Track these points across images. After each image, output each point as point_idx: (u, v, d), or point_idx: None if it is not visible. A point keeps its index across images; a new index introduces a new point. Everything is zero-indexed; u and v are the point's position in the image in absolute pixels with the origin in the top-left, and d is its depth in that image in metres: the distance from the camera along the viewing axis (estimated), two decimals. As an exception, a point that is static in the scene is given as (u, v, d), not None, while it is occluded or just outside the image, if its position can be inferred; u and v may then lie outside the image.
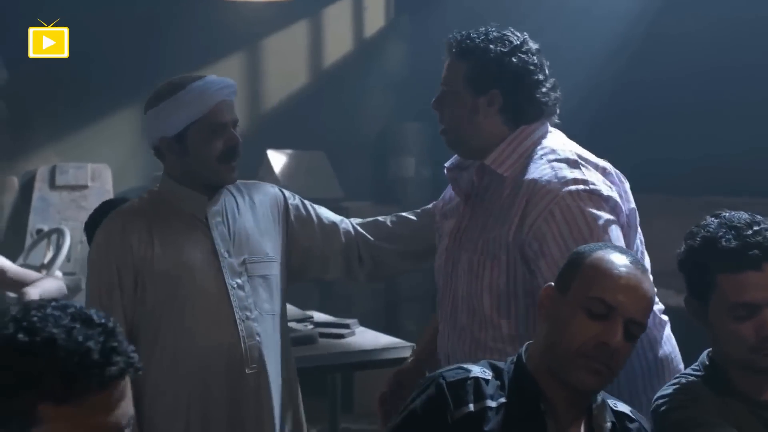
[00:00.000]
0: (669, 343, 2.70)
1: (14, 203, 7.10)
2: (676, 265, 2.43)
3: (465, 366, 2.19)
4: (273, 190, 3.21)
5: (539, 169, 2.59)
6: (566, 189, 2.52)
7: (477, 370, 2.17)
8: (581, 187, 2.53)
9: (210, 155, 2.94)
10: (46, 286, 4.32)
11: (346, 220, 3.25)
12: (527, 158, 2.62)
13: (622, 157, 2.94)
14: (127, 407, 1.61)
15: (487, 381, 2.15)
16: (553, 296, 2.19)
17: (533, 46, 2.71)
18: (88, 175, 7.27)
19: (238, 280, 2.99)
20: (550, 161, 2.59)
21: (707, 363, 2.39)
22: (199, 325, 2.94)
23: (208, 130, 2.93)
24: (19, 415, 1.55)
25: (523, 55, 2.67)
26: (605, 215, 2.52)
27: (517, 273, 2.57)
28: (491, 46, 2.67)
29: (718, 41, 6.36)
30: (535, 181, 2.57)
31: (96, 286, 2.95)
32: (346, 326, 4.18)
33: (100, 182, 7.29)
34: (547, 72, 2.71)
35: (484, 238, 2.63)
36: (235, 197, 3.10)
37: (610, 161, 2.73)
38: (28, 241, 6.74)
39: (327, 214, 3.24)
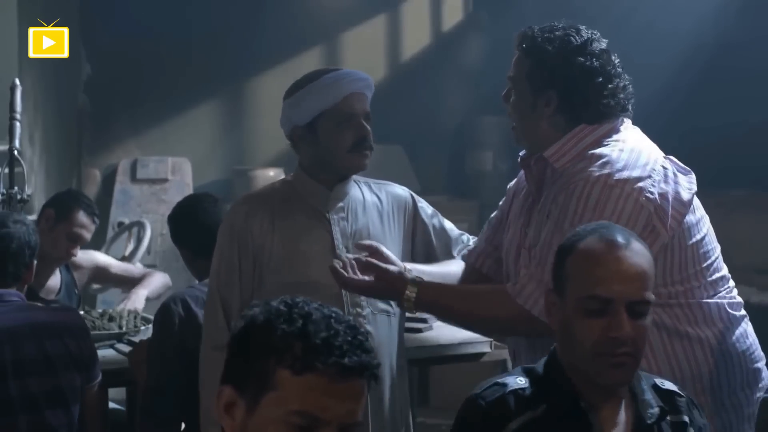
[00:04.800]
0: (746, 339, 2.65)
1: (96, 196, 7.21)
2: (759, 263, 2.37)
3: (500, 380, 2.16)
4: (404, 193, 3.21)
5: (578, 163, 2.57)
6: (586, 177, 2.52)
7: (512, 382, 2.14)
8: (602, 179, 2.50)
9: (340, 145, 2.98)
10: (153, 283, 4.45)
11: (466, 237, 3.24)
12: (583, 155, 2.60)
13: (705, 150, 2.88)
14: (355, 407, 1.64)
15: (524, 390, 2.12)
16: (555, 302, 2.16)
17: (599, 46, 2.64)
18: (168, 169, 7.37)
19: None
20: (591, 156, 2.56)
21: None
22: None
23: (337, 119, 2.97)
24: (257, 378, 1.63)
25: (582, 58, 2.61)
26: (613, 208, 2.49)
27: None
28: (550, 47, 2.63)
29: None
30: (568, 173, 2.57)
31: (217, 264, 3.04)
32: (424, 320, 4.16)
33: (180, 176, 7.37)
34: (613, 72, 2.64)
35: (537, 232, 2.63)
36: (363, 194, 3.12)
37: (693, 155, 2.68)
38: (110, 233, 6.84)
39: (450, 226, 3.24)
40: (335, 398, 1.61)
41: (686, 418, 2.17)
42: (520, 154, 2.83)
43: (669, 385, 2.22)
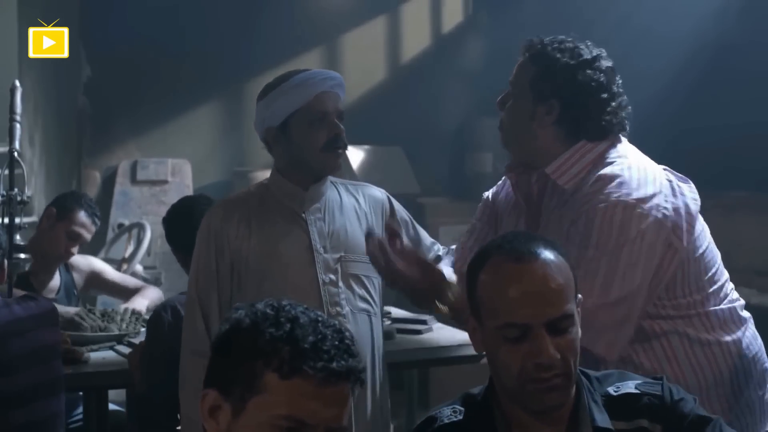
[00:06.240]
0: (756, 341, 2.66)
1: (96, 198, 7.20)
2: (760, 264, 2.36)
3: (434, 413, 2.05)
4: (381, 195, 3.23)
5: (590, 184, 2.55)
6: (605, 199, 2.49)
7: (444, 415, 2.03)
8: (622, 200, 2.48)
9: (313, 144, 2.99)
10: (149, 295, 4.47)
11: (438, 247, 3.26)
12: (587, 173, 2.58)
13: (704, 152, 2.87)
14: (341, 411, 1.64)
15: (452, 425, 2.01)
16: (477, 329, 2.01)
17: (605, 63, 2.64)
18: (168, 171, 7.37)
19: (332, 276, 3.01)
20: (603, 177, 2.54)
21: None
22: None
23: (309, 119, 2.98)
24: (244, 381, 1.62)
25: (590, 71, 2.60)
26: (637, 229, 2.46)
27: None
28: (559, 56, 2.62)
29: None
30: (582, 194, 2.54)
31: (195, 268, 3.05)
32: (424, 322, 4.18)
33: (180, 177, 7.37)
34: (615, 91, 2.64)
35: None
36: (340, 195, 3.13)
37: (693, 156, 2.67)
38: (110, 235, 6.84)
39: (423, 234, 3.26)
40: (322, 402, 1.61)
41: (645, 422, 1.98)
42: (507, 164, 2.83)
43: (626, 389, 2.02)
